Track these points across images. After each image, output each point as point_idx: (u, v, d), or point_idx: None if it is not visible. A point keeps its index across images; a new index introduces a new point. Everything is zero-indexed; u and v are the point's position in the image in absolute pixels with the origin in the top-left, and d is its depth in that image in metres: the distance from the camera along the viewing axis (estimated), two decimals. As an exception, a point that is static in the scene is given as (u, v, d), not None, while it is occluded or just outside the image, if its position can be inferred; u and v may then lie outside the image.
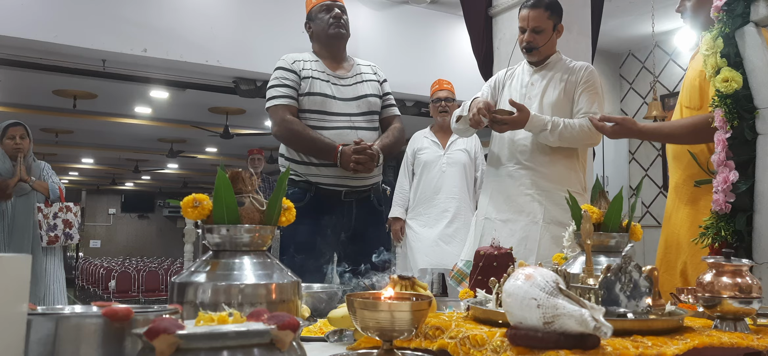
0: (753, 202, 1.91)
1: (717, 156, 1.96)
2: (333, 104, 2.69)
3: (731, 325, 1.31)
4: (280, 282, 1.16)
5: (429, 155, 4.23)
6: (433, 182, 4.16)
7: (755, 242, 1.91)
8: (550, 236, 2.63)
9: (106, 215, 21.79)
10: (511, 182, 2.77)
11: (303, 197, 2.63)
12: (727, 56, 1.96)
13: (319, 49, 2.81)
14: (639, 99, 7.37)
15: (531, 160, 2.74)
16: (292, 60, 2.74)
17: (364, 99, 2.77)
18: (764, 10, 1.95)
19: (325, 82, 2.72)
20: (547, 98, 2.77)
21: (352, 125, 2.70)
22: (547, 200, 2.68)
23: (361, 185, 2.72)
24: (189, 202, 1.18)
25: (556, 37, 2.84)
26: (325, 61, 2.78)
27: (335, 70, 2.78)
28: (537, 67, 2.85)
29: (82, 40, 4.99)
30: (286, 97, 2.67)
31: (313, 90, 2.68)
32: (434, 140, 4.27)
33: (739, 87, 1.92)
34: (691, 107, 2.30)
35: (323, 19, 2.76)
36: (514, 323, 1.06)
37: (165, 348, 0.68)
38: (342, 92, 2.73)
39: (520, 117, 2.60)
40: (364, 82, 2.81)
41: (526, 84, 2.84)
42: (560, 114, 2.71)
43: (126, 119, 9.97)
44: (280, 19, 5.64)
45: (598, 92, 2.78)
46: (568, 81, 2.78)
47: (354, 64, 2.85)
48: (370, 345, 1.25)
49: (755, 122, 1.92)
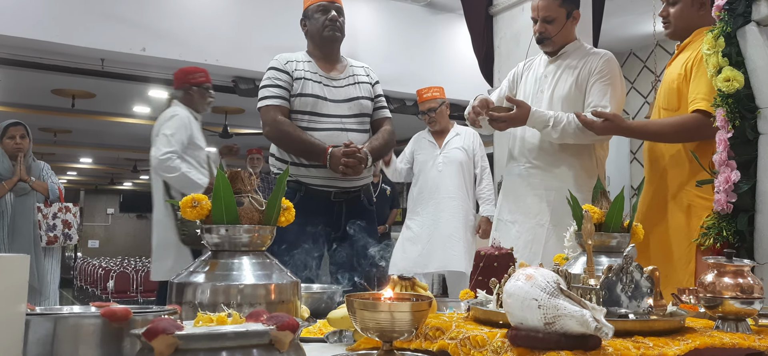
0: (755, 202, 1.91)
1: (718, 156, 1.96)
2: (324, 105, 2.70)
3: (733, 326, 1.30)
4: (280, 283, 1.16)
5: (425, 155, 4.23)
6: (429, 182, 4.17)
7: (757, 242, 1.91)
8: (556, 239, 2.49)
9: (104, 215, 21.77)
10: (521, 182, 2.68)
11: (293, 197, 2.63)
12: (729, 56, 1.96)
13: (313, 49, 2.81)
14: (640, 98, 7.37)
15: (539, 158, 2.63)
16: (285, 60, 2.74)
17: (356, 101, 2.77)
18: (766, 10, 1.94)
19: (317, 84, 2.72)
20: (558, 91, 2.63)
21: (342, 126, 2.70)
22: (556, 200, 2.54)
23: (351, 187, 2.73)
24: (188, 202, 1.17)
25: (571, 25, 2.66)
26: (318, 61, 2.78)
27: (328, 71, 2.78)
28: (552, 58, 2.70)
29: (80, 40, 4.99)
30: (277, 97, 2.67)
31: (304, 91, 2.69)
32: (431, 140, 4.27)
33: (741, 86, 1.92)
34: (668, 109, 2.30)
35: (319, 19, 2.75)
36: (515, 324, 1.05)
37: (164, 349, 0.68)
38: (334, 94, 2.73)
39: (518, 114, 2.47)
40: (356, 85, 2.81)
41: (540, 77, 2.71)
42: (572, 108, 2.54)
43: (125, 118, 9.97)
44: (279, 19, 5.63)
45: (613, 82, 2.56)
46: (581, 72, 2.61)
47: (347, 65, 2.85)
48: (369, 346, 1.24)
49: (757, 121, 1.92)
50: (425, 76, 5.34)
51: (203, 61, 5.45)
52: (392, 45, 6.32)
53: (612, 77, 2.57)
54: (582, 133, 2.47)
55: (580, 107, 2.56)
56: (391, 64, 5.78)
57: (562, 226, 2.47)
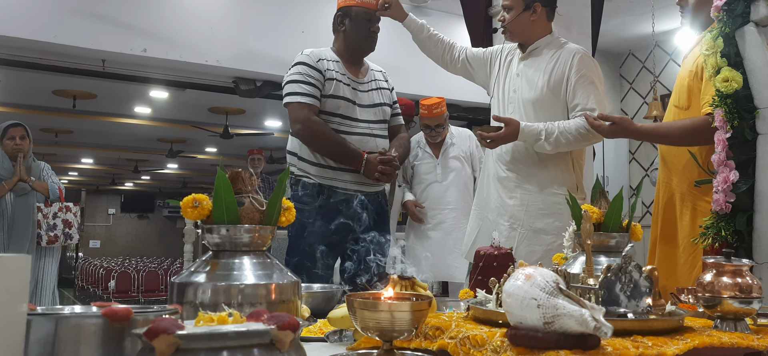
0: (753, 202, 1.91)
1: (717, 156, 1.96)
2: (354, 109, 2.67)
3: (731, 325, 1.30)
4: (280, 282, 1.16)
5: (424, 167, 4.20)
6: (430, 194, 4.15)
7: (755, 242, 1.91)
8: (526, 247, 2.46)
9: (105, 215, 21.77)
10: (497, 185, 2.61)
11: (315, 200, 2.61)
12: (728, 56, 1.96)
13: (343, 51, 2.74)
14: (639, 99, 7.36)
15: (513, 162, 2.56)
16: (317, 58, 2.66)
17: (380, 107, 2.76)
18: (764, 10, 1.95)
19: (347, 86, 2.68)
20: (529, 93, 2.53)
21: (371, 132, 2.69)
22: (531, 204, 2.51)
23: (375, 191, 2.74)
24: (189, 202, 1.18)
25: (528, 17, 2.52)
26: (346, 64, 2.73)
27: (355, 74, 2.74)
28: (523, 55, 2.59)
29: (81, 40, 4.99)
30: (310, 96, 2.60)
31: (337, 93, 2.64)
32: (427, 150, 4.22)
33: (740, 87, 1.92)
34: (679, 106, 2.26)
35: (363, 27, 2.70)
36: (514, 323, 1.06)
37: (165, 349, 0.68)
38: (361, 99, 2.71)
39: (509, 131, 2.40)
40: (379, 90, 2.80)
41: (512, 76, 2.61)
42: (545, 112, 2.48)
43: (126, 119, 9.97)
44: (280, 20, 5.63)
45: (593, 80, 2.47)
46: (553, 73, 2.49)
47: (369, 69, 2.82)
48: (370, 346, 1.25)
49: (755, 121, 1.92)
50: (425, 77, 5.32)
51: (204, 61, 5.45)
52: (392, 46, 6.29)
53: (591, 75, 2.47)
54: (582, 139, 2.41)
55: (553, 110, 2.48)
56: (390, 64, 5.76)
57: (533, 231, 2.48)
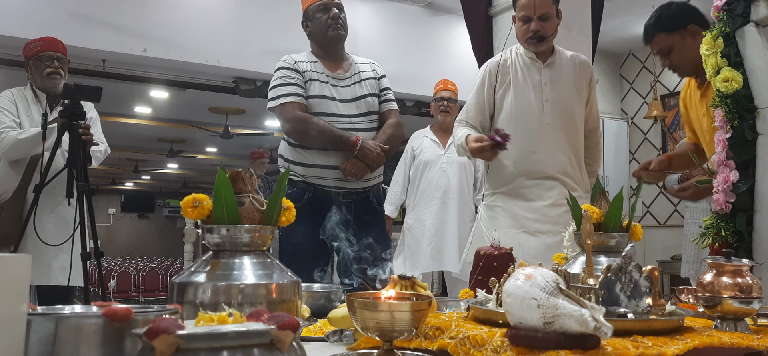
0: (753, 202, 1.92)
1: (717, 156, 1.96)
2: (333, 105, 2.68)
3: (731, 325, 1.30)
4: (280, 282, 1.16)
5: (429, 155, 4.22)
6: (433, 182, 4.16)
7: (755, 242, 1.91)
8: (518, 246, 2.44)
9: (105, 215, 21.76)
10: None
11: (301, 197, 2.62)
12: (728, 56, 1.97)
13: (318, 50, 2.78)
14: (639, 99, 7.37)
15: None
16: (294, 60, 2.72)
17: (363, 100, 2.76)
18: (764, 10, 1.95)
19: (325, 84, 2.70)
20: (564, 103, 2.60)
21: (352, 126, 2.69)
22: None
23: (361, 187, 2.72)
24: (189, 202, 1.18)
25: (558, 23, 2.62)
26: (324, 61, 2.76)
27: (334, 70, 2.76)
28: (545, 63, 2.61)
29: (82, 41, 4.99)
30: (294, 95, 2.64)
31: (313, 92, 2.67)
32: (434, 139, 4.26)
33: (740, 87, 1.92)
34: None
35: (321, 19, 2.72)
36: (515, 323, 1.06)
37: (165, 348, 0.68)
38: (341, 94, 2.72)
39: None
40: (362, 82, 2.79)
41: (539, 84, 2.61)
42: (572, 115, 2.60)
43: (126, 118, 9.97)
44: (279, 19, 5.63)
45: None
46: (576, 79, 2.64)
47: (352, 63, 2.83)
48: (370, 345, 1.25)
49: (755, 121, 1.92)
50: (425, 77, 5.33)
51: (204, 61, 5.46)
52: (392, 46, 6.31)
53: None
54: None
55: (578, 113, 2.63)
56: (390, 65, 5.76)
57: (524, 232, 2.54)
